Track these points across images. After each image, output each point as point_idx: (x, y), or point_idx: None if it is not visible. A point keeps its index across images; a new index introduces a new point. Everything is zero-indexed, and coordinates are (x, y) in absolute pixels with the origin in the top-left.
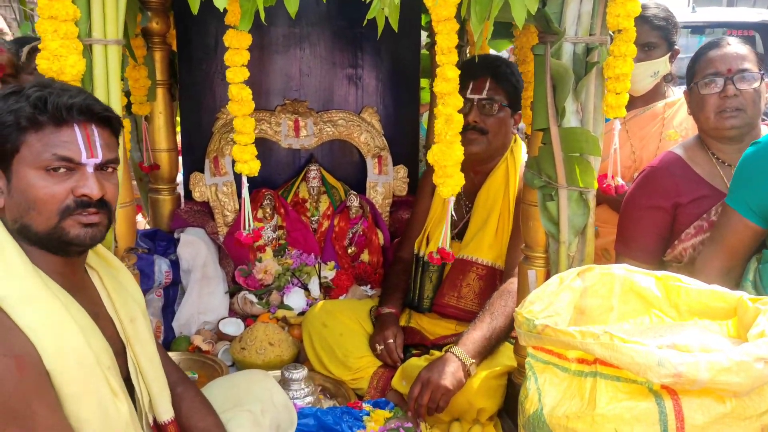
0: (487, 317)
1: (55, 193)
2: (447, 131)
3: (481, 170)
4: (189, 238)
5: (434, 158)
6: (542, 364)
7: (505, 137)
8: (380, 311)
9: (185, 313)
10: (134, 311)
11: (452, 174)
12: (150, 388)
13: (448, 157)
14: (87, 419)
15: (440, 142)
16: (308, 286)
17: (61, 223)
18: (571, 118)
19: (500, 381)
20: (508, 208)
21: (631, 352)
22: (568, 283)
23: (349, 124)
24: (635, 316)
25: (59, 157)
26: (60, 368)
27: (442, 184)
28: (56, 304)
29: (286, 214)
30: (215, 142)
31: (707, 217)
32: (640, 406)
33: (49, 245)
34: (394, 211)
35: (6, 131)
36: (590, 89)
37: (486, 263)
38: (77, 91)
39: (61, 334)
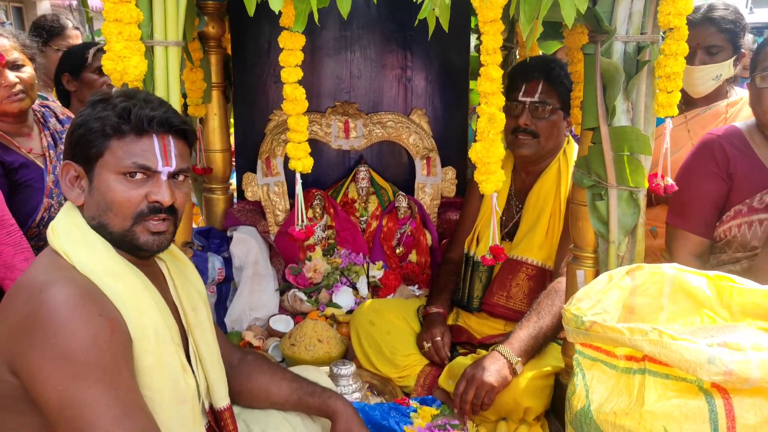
0: (533, 316)
1: (131, 198)
2: (489, 129)
3: (532, 171)
4: (241, 236)
5: (477, 155)
6: (590, 361)
7: (557, 139)
8: (428, 311)
9: (237, 310)
10: (197, 301)
11: (494, 171)
12: (208, 375)
13: (491, 155)
14: (160, 389)
15: (482, 140)
16: (356, 285)
17: (134, 227)
18: (622, 117)
19: (547, 381)
20: (559, 209)
21: (680, 350)
22: (616, 281)
23: (398, 125)
24: (686, 317)
25: (138, 165)
26: (141, 338)
27: (485, 181)
28: (137, 282)
29: (335, 214)
30: (267, 143)
31: (750, 202)
32: (689, 404)
33: (122, 245)
34: (442, 212)
35: (92, 136)
36: (641, 88)
37: (536, 263)
38: (158, 104)
39: (141, 308)
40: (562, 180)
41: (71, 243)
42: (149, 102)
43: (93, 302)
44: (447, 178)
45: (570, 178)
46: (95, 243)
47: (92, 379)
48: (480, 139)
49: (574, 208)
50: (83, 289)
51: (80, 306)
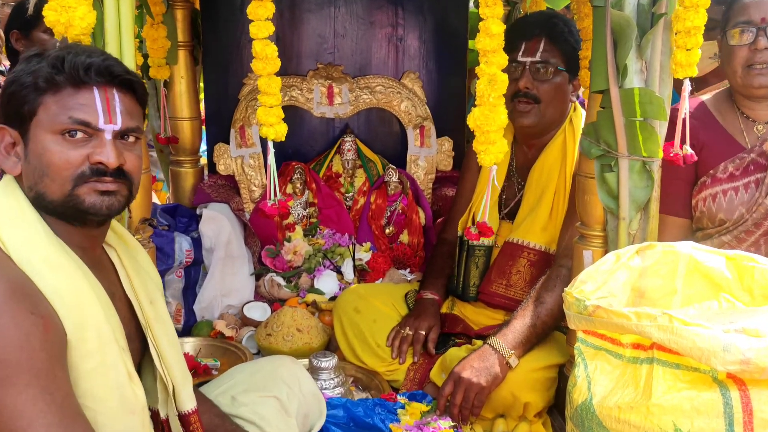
0: (531, 304)
1: (70, 159)
2: (490, 93)
3: (535, 144)
4: (212, 214)
5: (475, 122)
6: (593, 349)
7: (562, 106)
8: (421, 295)
9: (207, 296)
10: (154, 292)
11: (495, 140)
12: (172, 375)
13: (491, 122)
14: (104, 398)
15: (482, 105)
16: (341, 268)
17: (75, 190)
18: (634, 78)
19: (549, 374)
20: (564, 186)
21: (693, 336)
22: (625, 261)
23: (389, 90)
24: (701, 300)
25: (75, 120)
26: (80, 338)
27: (484, 152)
28: (78, 274)
29: (317, 190)
30: (242, 111)
31: (713, 173)
32: (702, 396)
33: (66, 215)
34: (438, 187)
35: (24, 92)
36: (656, 45)
37: (539, 248)
38: (99, 53)
39: (81, 305)
40: (568, 152)
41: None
42: (87, 51)
43: (24, 298)
44: (443, 149)
45: (577, 150)
46: (34, 225)
47: (23, 384)
48: (479, 103)
49: (581, 181)
50: (14, 283)
51: (9, 302)
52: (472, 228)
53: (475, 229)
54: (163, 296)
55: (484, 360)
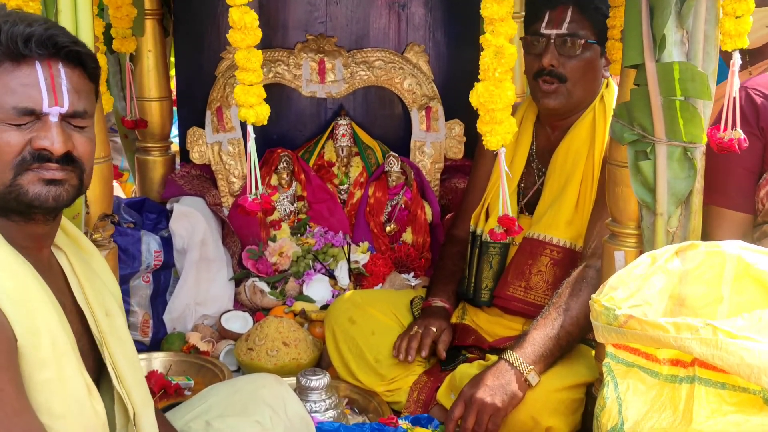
0: (553, 312)
1: (10, 143)
2: (496, 67)
3: (560, 125)
4: (185, 210)
5: (479, 100)
6: (625, 366)
7: (593, 84)
8: (429, 303)
9: (179, 304)
10: (110, 303)
11: (501, 120)
12: (132, 397)
13: (496, 99)
14: (62, 414)
15: (486, 80)
16: (334, 272)
17: (17, 179)
18: (674, 51)
19: (575, 394)
20: (592, 173)
21: (741, 351)
22: (662, 264)
23: (389, 66)
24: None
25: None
26: (33, 345)
27: (489, 133)
28: (27, 274)
29: (307, 182)
30: (219, 89)
31: None
32: (751, 421)
33: (8, 208)
34: (447, 178)
35: None
36: (699, 12)
37: (563, 244)
38: (42, 21)
39: (32, 308)
40: (597, 134)
41: None
42: (28, 19)
43: None
44: (452, 134)
45: (607, 133)
46: None
47: None
48: (483, 78)
49: (612, 171)
50: None
51: None
52: (496, 228)
53: (500, 228)
54: (121, 308)
55: (500, 377)
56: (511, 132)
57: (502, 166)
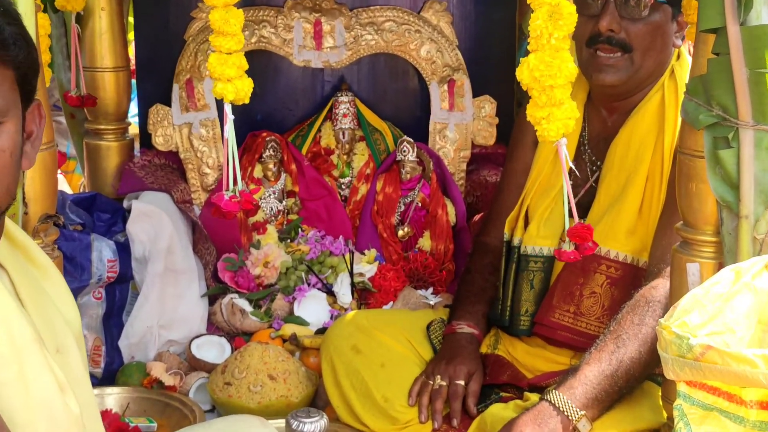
0: (610, 343)
1: None
2: (552, 31)
3: (619, 107)
4: (146, 209)
5: (533, 74)
6: (701, 410)
7: (662, 54)
8: (453, 328)
9: (139, 327)
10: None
11: (561, 101)
12: None
13: (556, 73)
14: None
15: (539, 50)
16: (333, 287)
17: None
18: (763, 12)
19: None
20: (660, 167)
21: None
22: (748, 281)
23: (403, 28)
24: None
25: None
26: None
27: (546, 119)
28: None
29: (299, 173)
30: (189, 57)
31: None
32: None
33: None
34: (474, 169)
35: None
36: None
37: (622, 258)
38: None
39: None
40: (668, 119)
41: None
42: None
43: None
44: (482, 114)
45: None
46: None
47: None
48: (535, 48)
49: (685, 163)
50: None
51: None
52: (566, 244)
53: (571, 245)
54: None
55: (542, 423)
56: (573, 116)
57: (564, 162)
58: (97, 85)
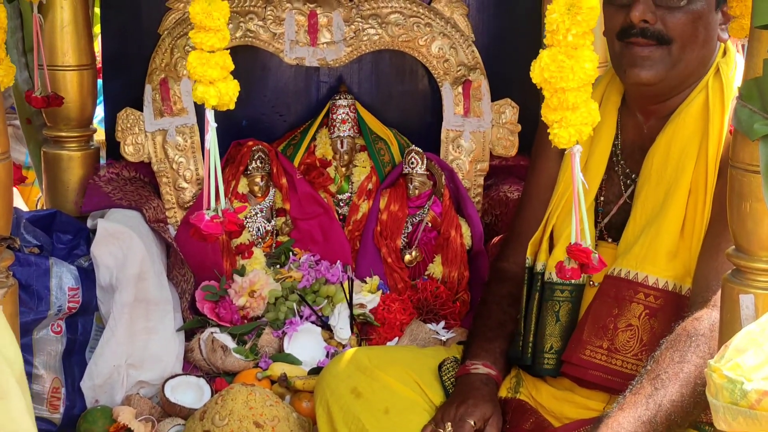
0: (646, 385)
1: None
2: (569, 26)
3: (656, 111)
4: (113, 229)
5: (543, 74)
6: None
7: (704, 49)
8: (467, 369)
9: (105, 366)
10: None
11: (576, 104)
12: None
13: (569, 74)
14: None
15: (555, 46)
16: (329, 321)
17: None
18: None
19: None
20: (705, 181)
21: None
22: None
23: (411, 21)
24: None
25: None
26: None
27: (558, 123)
28: None
29: (291, 188)
30: (164, 54)
31: None
32: None
33: None
34: (493, 184)
35: None
36: None
37: (663, 285)
38: None
39: None
40: (713, 124)
41: None
42: None
43: None
44: (502, 120)
45: (727, 122)
46: None
47: None
48: (551, 43)
49: (737, 178)
50: None
51: None
52: (566, 261)
53: (572, 262)
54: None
55: None
56: (590, 122)
57: (576, 171)
58: (58, 86)
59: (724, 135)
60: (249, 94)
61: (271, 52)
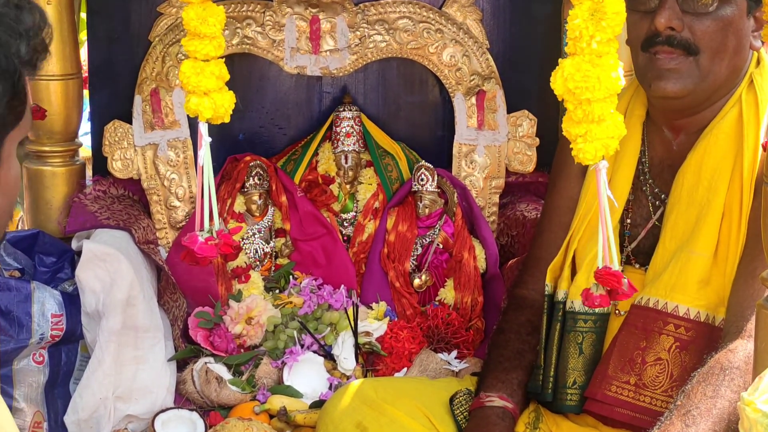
0: (677, 421)
1: None
2: (593, 33)
3: (686, 126)
4: (100, 251)
5: (566, 85)
6: None
7: (736, 57)
8: (482, 402)
9: (91, 399)
10: None
11: (602, 117)
12: None
13: (594, 84)
14: None
15: (578, 54)
16: (333, 350)
17: None
18: None
19: None
20: (740, 201)
21: None
22: None
23: (421, 27)
24: None
25: None
26: None
27: (582, 137)
28: None
29: (291, 207)
30: (154, 63)
31: None
32: None
33: None
34: (510, 203)
35: None
36: None
37: (694, 316)
38: None
39: None
40: (747, 140)
41: None
42: None
43: None
44: (518, 134)
45: (762, 136)
46: None
47: None
48: (573, 51)
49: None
50: None
51: None
52: (593, 287)
53: (600, 288)
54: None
55: None
56: (617, 136)
57: (602, 188)
58: (40, 97)
59: (760, 152)
60: (246, 106)
61: (270, 61)
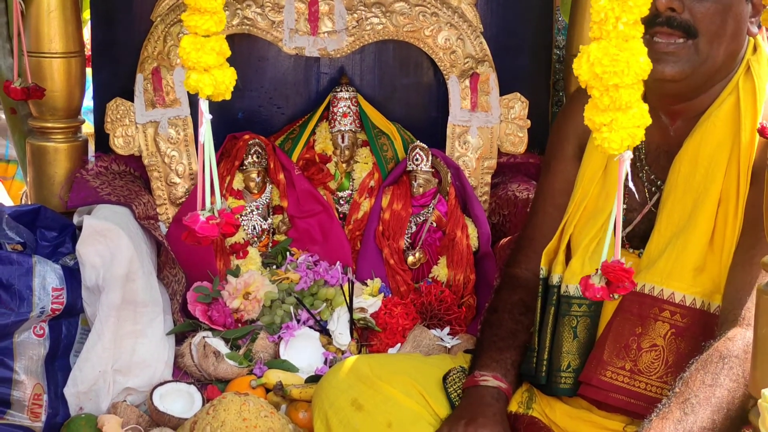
0: (675, 409)
1: None
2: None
3: (682, 112)
4: (101, 226)
5: (594, 70)
6: None
7: (734, 42)
8: (475, 380)
9: (90, 372)
10: None
11: (629, 104)
12: None
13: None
14: None
15: (603, 38)
16: (328, 325)
17: None
18: None
19: None
20: (737, 188)
21: None
22: None
23: (417, 10)
24: None
25: None
26: None
27: (608, 126)
28: None
29: (288, 185)
30: (156, 42)
31: None
32: None
33: None
34: (502, 183)
35: None
36: None
37: (690, 303)
38: None
39: None
40: (744, 127)
41: None
42: None
43: None
44: (511, 115)
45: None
46: None
47: None
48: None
49: None
50: None
51: None
52: (594, 278)
53: (602, 280)
54: None
55: None
56: (642, 125)
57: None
58: (43, 75)
59: (757, 139)
60: (245, 85)
61: (270, 41)
